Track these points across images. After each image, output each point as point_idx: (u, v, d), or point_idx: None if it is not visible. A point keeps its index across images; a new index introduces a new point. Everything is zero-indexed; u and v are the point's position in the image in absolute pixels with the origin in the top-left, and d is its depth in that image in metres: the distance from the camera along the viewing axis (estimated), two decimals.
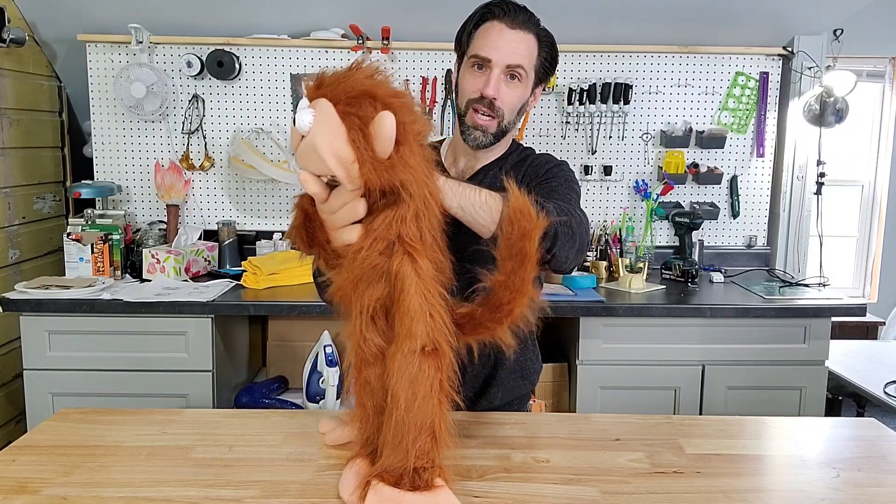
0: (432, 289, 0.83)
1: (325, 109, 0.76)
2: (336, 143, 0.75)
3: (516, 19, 1.22)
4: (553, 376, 2.39)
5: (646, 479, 0.99)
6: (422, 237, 0.83)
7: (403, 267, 0.82)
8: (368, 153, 0.76)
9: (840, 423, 1.23)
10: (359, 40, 2.64)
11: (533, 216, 0.85)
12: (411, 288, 0.81)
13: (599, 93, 2.73)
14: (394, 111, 0.76)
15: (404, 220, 0.81)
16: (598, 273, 2.59)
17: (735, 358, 2.27)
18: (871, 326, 3.26)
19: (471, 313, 0.91)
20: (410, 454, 0.84)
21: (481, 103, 1.23)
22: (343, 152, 0.75)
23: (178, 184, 2.68)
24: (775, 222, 2.83)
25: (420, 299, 0.82)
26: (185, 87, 2.71)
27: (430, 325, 0.82)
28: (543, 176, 1.30)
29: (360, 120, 0.76)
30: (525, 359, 1.37)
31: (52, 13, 2.59)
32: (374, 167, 0.76)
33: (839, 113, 2.64)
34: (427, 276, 0.83)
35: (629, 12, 2.59)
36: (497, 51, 1.21)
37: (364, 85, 0.77)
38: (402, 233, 0.81)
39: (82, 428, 1.14)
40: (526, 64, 1.24)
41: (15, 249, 2.54)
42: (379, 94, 0.77)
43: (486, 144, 1.27)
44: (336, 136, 0.75)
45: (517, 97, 1.26)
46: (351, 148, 0.75)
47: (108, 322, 2.15)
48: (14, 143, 2.55)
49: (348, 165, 0.76)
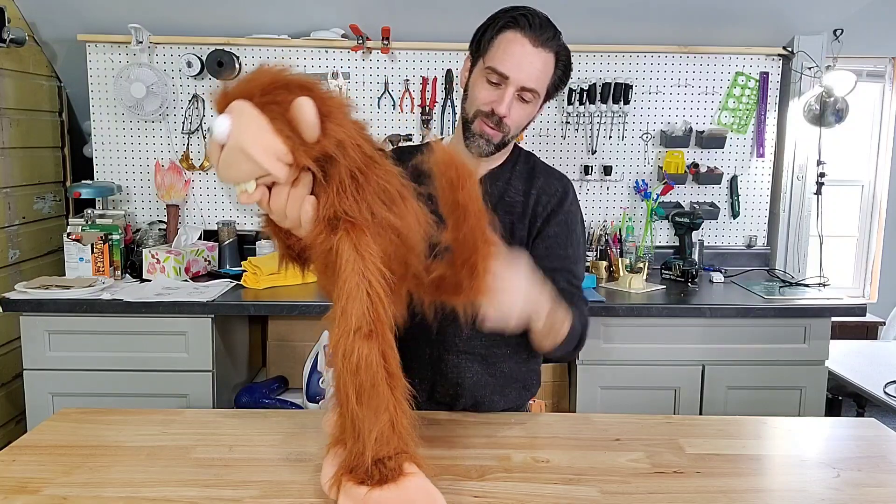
0: (371, 267, 0.79)
1: (242, 108, 0.73)
2: (263, 137, 0.72)
3: (541, 37, 1.19)
4: (553, 376, 2.39)
5: (646, 479, 0.99)
6: (361, 210, 0.79)
7: (342, 244, 0.78)
8: (298, 139, 0.73)
9: (840, 423, 1.23)
10: (359, 40, 2.64)
11: (458, 165, 0.81)
12: (348, 266, 0.78)
13: (599, 93, 2.73)
14: (308, 93, 0.73)
15: (344, 191, 0.78)
16: (598, 273, 2.59)
17: (735, 358, 2.27)
18: (871, 326, 3.26)
19: (442, 276, 0.88)
20: (368, 446, 0.82)
21: (490, 119, 1.23)
22: (273, 145, 0.72)
23: (178, 184, 2.68)
24: (775, 222, 2.83)
25: (357, 277, 0.78)
26: (185, 87, 2.71)
27: (366, 304, 0.78)
28: (556, 213, 1.30)
29: (279, 106, 0.72)
30: (528, 369, 1.37)
31: (52, 13, 2.59)
32: (306, 152, 0.73)
33: (839, 113, 2.64)
34: (367, 253, 0.78)
35: (629, 12, 2.59)
36: (516, 69, 1.19)
37: (273, 75, 0.74)
38: (341, 207, 0.78)
39: (82, 428, 1.14)
40: (540, 87, 1.22)
41: (15, 249, 2.54)
42: (291, 81, 0.74)
43: (488, 154, 1.27)
44: (261, 130, 0.72)
45: (526, 116, 1.26)
46: (280, 138, 0.72)
47: (108, 322, 2.15)
48: (14, 143, 2.55)
49: (282, 157, 0.73)
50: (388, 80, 2.73)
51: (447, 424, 1.19)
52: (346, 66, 2.71)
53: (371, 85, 2.73)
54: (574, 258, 1.30)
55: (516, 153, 1.38)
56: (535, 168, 1.35)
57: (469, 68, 1.28)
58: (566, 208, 1.31)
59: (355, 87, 2.73)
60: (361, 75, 2.72)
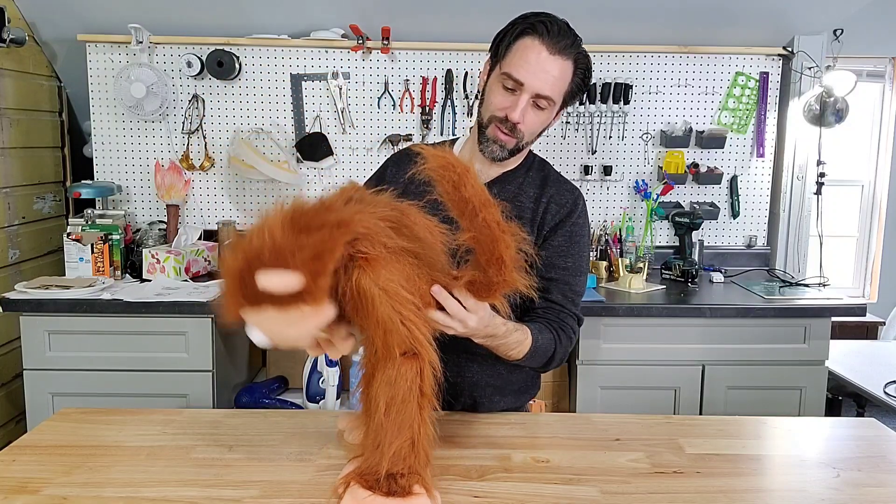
0: (398, 297, 0.81)
1: (258, 318, 0.79)
2: (289, 334, 0.79)
3: (558, 44, 1.18)
4: (553, 376, 2.39)
5: (646, 479, 0.99)
6: (374, 245, 0.81)
7: (361, 282, 0.80)
8: (313, 302, 0.77)
9: (840, 423, 1.23)
10: (359, 40, 2.65)
11: (454, 164, 0.84)
12: (376, 302, 0.80)
13: (599, 93, 2.73)
14: (277, 253, 0.76)
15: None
16: (598, 273, 2.59)
17: (735, 358, 2.27)
18: (871, 326, 3.25)
19: (472, 280, 0.91)
20: (385, 458, 0.84)
21: (504, 124, 1.23)
22: (297, 336, 0.80)
23: (178, 184, 2.68)
24: (775, 222, 2.83)
25: (388, 311, 0.81)
26: (185, 87, 2.71)
27: (403, 333, 0.82)
28: (563, 224, 1.30)
29: (274, 301, 0.76)
30: (525, 372, 1.37)
31: (52, 13, 2.59)
32: (315, 296, 0.77)
33: (839, 113, 2.64)
34: (390, 285, 0.81)
35: (629, 12, 2.59)
36: (531, 76, 1.18)
37: (242, 262, 0.77)
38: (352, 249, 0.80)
39: (82, 428, 1.14)
40: (556, 94, 1.22)
41: (15, 249, 2.54)
42: (258, 258, 0.77)
43: (502, 159, 1.28)
44: (288, 330, 0.79)
45: (540, 123, 1.26)
46: (298, 332, 0.79)
47: (108, 322, 2.15)
48: (14, 143, 2.55)
49: (313, 331, 0.80)
50: (388, 80, 2.73)
51: (447, 424, 1.19)
52: (346, 66, 2.71)
53: (371, 85, 2.73)
54: (573, 271, 1.30)
55: (530, 159, 1.38)
56: (548, 177, 1.35)
57: (487, 72, 1.28)
58: (573, 220, 1.31)
59: (355, 87, 2.73)
60: (361, 75, 2.72)
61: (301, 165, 2.76)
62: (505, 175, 1.33)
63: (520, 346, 1.17)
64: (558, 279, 1.28)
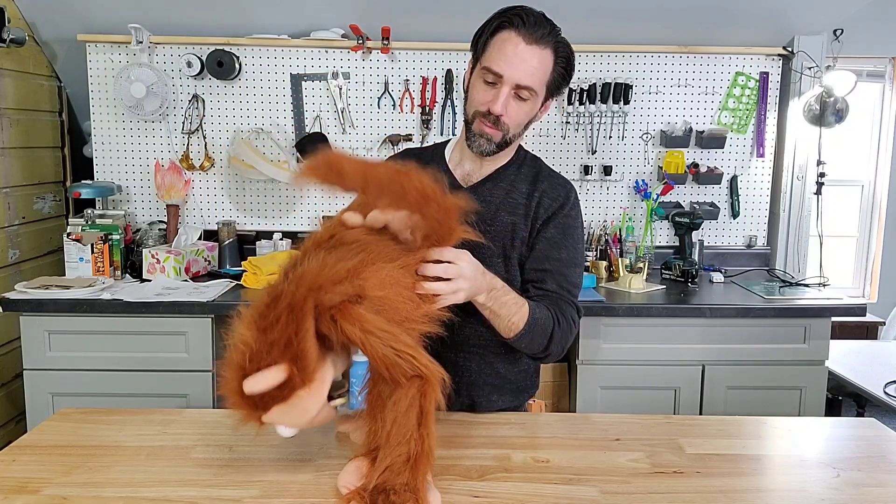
0: (384, 334, 0.83)
1: (275, 417, 0.84)
2: (307, 416, 0.84)
3: (534, 34, 1.19)
4: (553, 376, 2.39)
5: (646, 479, 0.99)
6: (339, 295, 0.83)
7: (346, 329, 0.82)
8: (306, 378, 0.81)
9: (840, 423, 1.23)
10: (359, 40, 2.64)
11: (399, 175, 0.91)
12: (367, 346, 0.82)
13: (599, 93, 2.73)
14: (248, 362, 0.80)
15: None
16: (598, 273, 2.59)
17: (735, 358, 2.27)
18: (871, 326, 3.25)
19: (426, 233, 0.96)
20: (377, 471, 0.86)
21: (487, 118, 1.23)
22: (314, 413, 0.84)
23: (178, 184, 2.68)
24: (775, 222, 2.83)
25: (381, 349, 0.82)
26: (185, 87, 2.71)
27: (402, 364, 0.83)
28: (556, 217, 1.31)
29: (274, 398, 0.81)
30: (522, 371, 1.37)
31: (52, 13, 2.59)
32: (304, 377, 0.81)
33: (839, 113, 2.64)
34: (372, 325, 0.82)
35: (629, 12, 2.59)
36: (510, 68, 1.19)
37: (236, 366, 0.82)
38: (326, 300, 0.82)
39: (82, 428, 1.14)
40: (537, 84, 1.22)
41: (15, 249, 2.54)
42: (240, 374, 0.81)
43: (490, 153, 1.28)
44: (303, 414, 0.84)
45: (524, 114, 1.26)
46: (311, 410, 0.83)
47: (108, 322, 2.15)
48: (14, 143, 2.55)
49: (323, 400, 0.85)
50: (388, 80, 2.73)
51: (446, 424, 1.19)
52: (346, 66, 2.71)
53: (371, 85, 2.73)
54: (568, 262, 1.30)
55: (522, 155, 1.38)
56: (540, 172, 1.36)
57: (470, 71, 1.30)
58: (566, 213, 1.32)
59: (355, 87, 2.73)
60: (361, 75, 2.72)
61: (301, 165, 2.76)
62: (497, 172, 1.34)
63: (519, 310, 1.17)
64: (553, 270, 1.28)
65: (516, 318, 1.17)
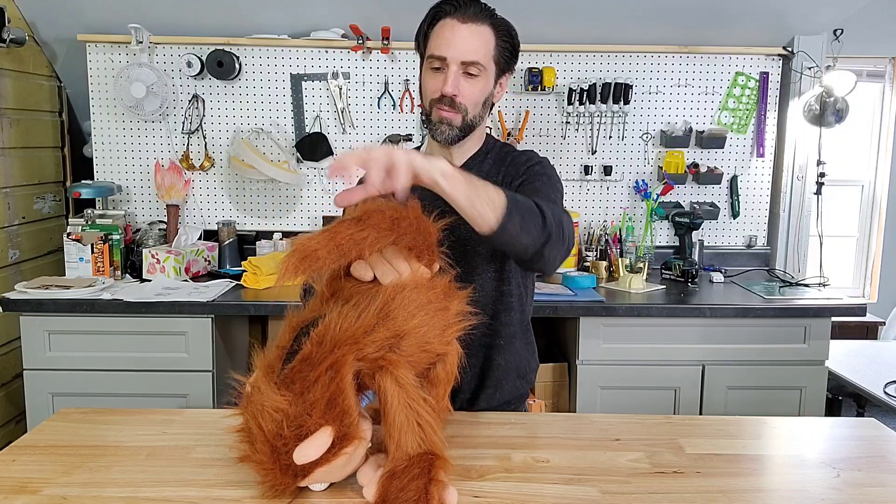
0: (415, 396, 0.82)
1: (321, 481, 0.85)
2: (345, 472, 0.84)
3: (467, 13, 1.22)
4: (553, 376, 2.39)
5: (646, 479, 0.99)
6: (392, 348, 0.83)
7: (383, 381, 0.81)
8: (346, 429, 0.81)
9: (840, 423, 1.23)
10: (359, 40, 2.65)
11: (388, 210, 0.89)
12: (394, 401, 0.81)
13: (599, 93, 2.73)
14: None
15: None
16: (598, 273, 2.59)
17: (735, 358, 2.27)
18: (871, 326, 3.26)
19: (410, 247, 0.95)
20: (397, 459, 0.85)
21: (442, 102, 1.24)
22: (352, 469, 0.84)
23: (178, 184, 2.68)
24: (775, 222, 2.83)
25: (406, 410, 0.81)
26: (185, 87, 2.71)
27: (418, 434, 0.82)
28: (525, 174, 1.29)
29: (319, 462, 0.80)
30: (521, 358, 1.37)
31: (52, 13, 2.59)
32: (351, 435, 0.81)
33: (839, 113, 2.64)
34: (409, 385, 0.82)
35: (629, 12, 2.59)
36: (452, 48, 1.22)
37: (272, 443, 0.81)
38: (367, 353, 0.81)
39: (82, 428, 1.14)
40: (482, 58, 1.24)
41: (15, 249, 2.54)
42: (280, 445, 0.80)
43: (454, 138, 1.27)
44: (343, 470, 0.83)
45: (479, 91, 1.26)
46: (351, 466, 0.84)
47: (108, 322, 2.15)
48: (14, 143, 2.55)
49: (361, 456, 0.85)
50: (388, 80, 2.73)
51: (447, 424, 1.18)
52: (346, 66, 2.71)
53: (371, 85, 2.73)
54: (544, 196, 1.20)
55: (491, 143, 1.38)
56: (508, 154, 1.36)
57: (421, 71, 1.31)
58: (530, 167, 1.30)
59: (355, 87, 2.73)
60: (361, 75, 2.72)
61: (301, 165, 2.76)
62: (467, 163, 1.34)
63: (495, 188, 1.00)
64: (539, 197, 1.15)
65: (492, 192, 0.99)
